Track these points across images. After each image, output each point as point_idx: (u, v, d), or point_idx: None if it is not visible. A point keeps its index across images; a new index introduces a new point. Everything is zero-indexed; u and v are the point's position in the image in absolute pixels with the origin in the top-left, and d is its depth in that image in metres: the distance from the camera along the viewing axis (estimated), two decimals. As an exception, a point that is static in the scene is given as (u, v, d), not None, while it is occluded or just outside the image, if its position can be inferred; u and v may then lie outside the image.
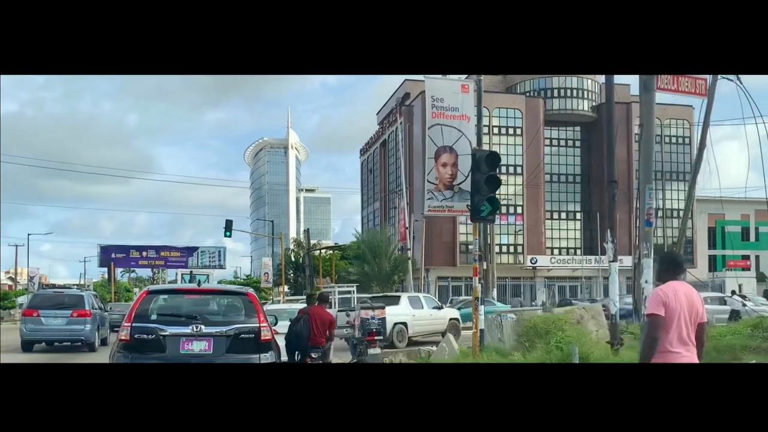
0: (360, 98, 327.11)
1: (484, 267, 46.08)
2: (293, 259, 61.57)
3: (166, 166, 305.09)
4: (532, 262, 54.01)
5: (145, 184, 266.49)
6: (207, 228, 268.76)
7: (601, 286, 54.99)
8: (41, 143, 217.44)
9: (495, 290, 43.10)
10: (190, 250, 79.35)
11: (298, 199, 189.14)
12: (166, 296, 8.51)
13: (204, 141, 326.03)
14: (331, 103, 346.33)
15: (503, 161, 52.43)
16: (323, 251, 59.49)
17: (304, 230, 57.22)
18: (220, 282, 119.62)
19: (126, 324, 7.54)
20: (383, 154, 64.51)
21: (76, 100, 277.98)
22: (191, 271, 59.32)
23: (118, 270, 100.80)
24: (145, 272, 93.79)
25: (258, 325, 7.71)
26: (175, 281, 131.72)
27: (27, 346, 18.58)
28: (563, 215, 58.57)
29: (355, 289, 26.35)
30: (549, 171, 56.76)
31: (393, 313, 19.02)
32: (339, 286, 26.58)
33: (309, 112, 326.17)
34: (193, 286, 10.25)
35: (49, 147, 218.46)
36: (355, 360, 12.64)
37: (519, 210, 54.18)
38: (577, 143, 59.12)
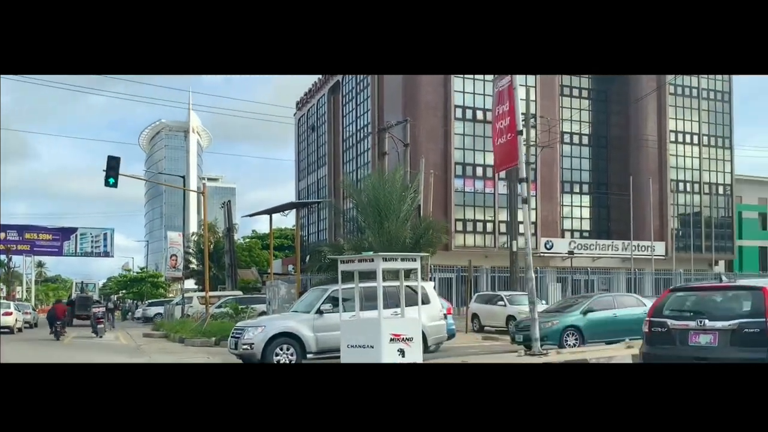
0: (263, 88, 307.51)
1: (513, 249, 32.21)
2: (201, 247, 45.44)
3: (44, 153, 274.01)
4: (547, 246, 40.22)
5: (23, 173, 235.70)
6: (95, 223, 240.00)
7: (623, 281, 42.00)
8: None
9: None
10: (67, 232, 60.92)
11: (199, 188, 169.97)
12: (681, 293, 8.83)
13: (91, 128, 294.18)
14: (231, 93, 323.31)
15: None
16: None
17: (223, 203, 41.40)
18: (110, 279, 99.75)
19: (647, 318, 8.53)
20: (334, 101, 49.14)
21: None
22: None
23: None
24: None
25: (764, 320, 7.45)
26: (63, 277, 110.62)
27: None
28: (575, 187, 45.08)
29: (419, 260, 11.62)
30: (559, 129, 43.08)
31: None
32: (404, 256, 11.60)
33: (208, 102, 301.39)
34: (715, 282, 8.96)
35: None
36: None
37: (532, 176, 39.93)
38: (592, 94, 45.86)
